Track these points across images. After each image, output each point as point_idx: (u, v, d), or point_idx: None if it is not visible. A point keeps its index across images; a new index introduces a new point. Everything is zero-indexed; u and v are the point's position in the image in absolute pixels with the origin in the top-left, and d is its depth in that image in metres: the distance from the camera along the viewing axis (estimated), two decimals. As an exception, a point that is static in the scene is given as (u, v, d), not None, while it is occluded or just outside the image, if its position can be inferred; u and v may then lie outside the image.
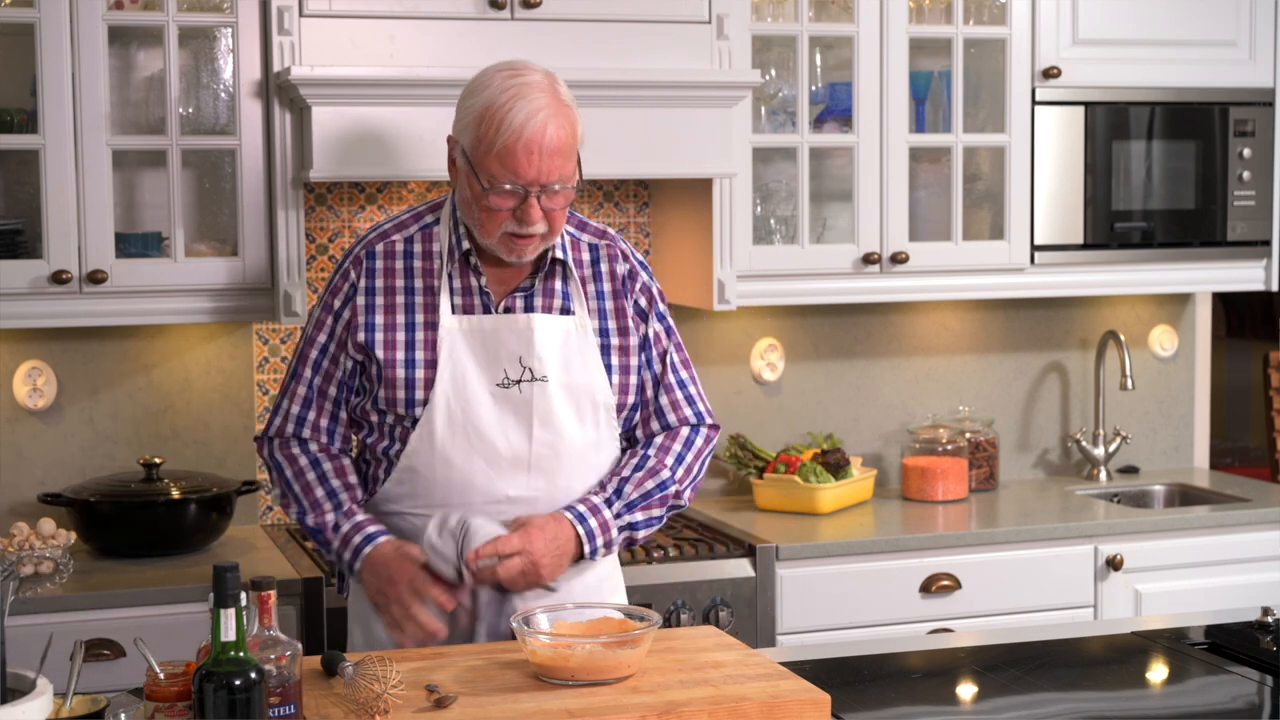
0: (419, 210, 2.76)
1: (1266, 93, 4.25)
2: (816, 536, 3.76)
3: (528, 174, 2.55)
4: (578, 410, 2.67)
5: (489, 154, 2.55)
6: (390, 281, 2.68)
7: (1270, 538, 4.04)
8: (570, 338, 2.68)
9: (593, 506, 2.65)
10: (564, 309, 2.69)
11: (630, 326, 2.73)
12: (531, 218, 2.57)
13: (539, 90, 2.56)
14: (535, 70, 2.61)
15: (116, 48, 3.56)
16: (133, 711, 2.11)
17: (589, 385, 2.68)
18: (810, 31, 3.93)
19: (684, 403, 2.79)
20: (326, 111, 3.40)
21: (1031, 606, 3.84)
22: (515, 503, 2.64)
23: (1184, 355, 4.64)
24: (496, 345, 2.64)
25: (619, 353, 2.72)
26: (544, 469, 2.65)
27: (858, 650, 2.74)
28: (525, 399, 2.64)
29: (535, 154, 2.54)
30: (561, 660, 2.26)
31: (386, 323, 2.66)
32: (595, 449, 2.70)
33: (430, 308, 2.66)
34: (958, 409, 4.41)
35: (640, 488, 2.69)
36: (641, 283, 2.77)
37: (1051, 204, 4.11)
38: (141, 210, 3.69)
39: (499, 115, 2.54)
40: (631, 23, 3.64)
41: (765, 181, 4.00)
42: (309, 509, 2.70)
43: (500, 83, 2.58)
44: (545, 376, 2.64)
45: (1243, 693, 2.51)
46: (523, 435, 2.64)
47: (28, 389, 3.73)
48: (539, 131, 2.54)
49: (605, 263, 2.75)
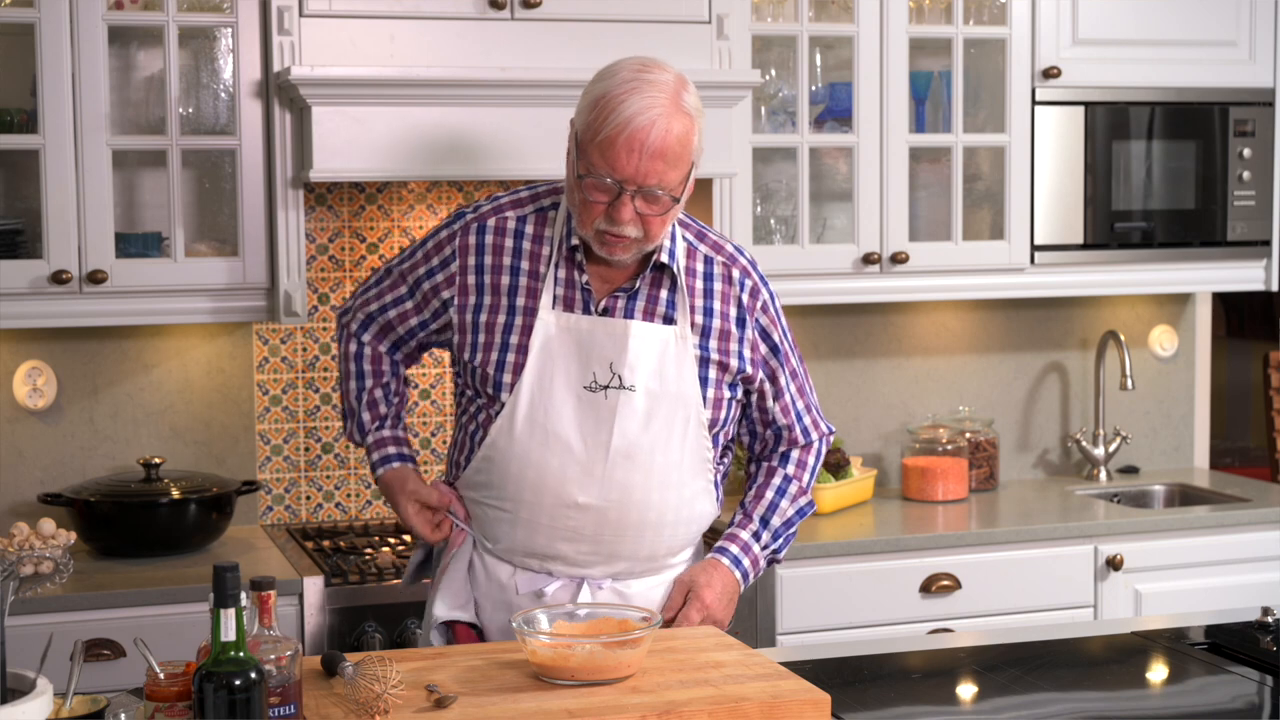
0: (539, 190, 2.69)
1: (1266, 93, 4.25)
2: (816, 536, 3.76)
3: (625, 170, 2.47)
4: (664, 422, 2.60)
5: (592, 142, 2.49)
6: (497, 260, 2.63)
7: (1270, 538, 4.04)
8: (668, 348, 2.61)
9: (744, 545, 2.69)
10: (666, 318, 2.62)
11: (733, 349, 2.66)
12: (622, 216, 2.50)
13: (660, 89, 2.49)
14: (667, 70, 2.54)
15: (116, 48, 3.56)
16: (133, 711, 2.11)
17: (681, 398, 2.61)
18: (810, 31, 3.93)
19: (811, 427, 2.80)
20: (326, 111, 3.40)
21: (1031, 606, 3.84)
22: (584, 510, 2.60)
23: (1184, 355, 4.64)
24: (590, 347, 2.58)
25: (717, 368, 2.65)
26: (619, 480, 2.59)
27: (858, 650, 2.74)
28: (610, 405, 2.58)
29: (636, 151, 2.46)
30: (561, 660, 2.25)
31: (486, 303, 2.62)
32: (679, 467, 2.63)
33: (533, 293, 2.61)
34: (958, 409, 4.41)
35: (783, 516, 2.74)
36: (764, 301, 2.71)
37: (1051, 204, 4.11)
38: (141, 210, 3.69)
39: (611, 104, 2.48)
40: (631, 23, 3.64)
41: (765, 181, 4.00)
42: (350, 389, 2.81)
43: (626, 74, 2.51)
44: (633, 386, 2.58)
45: (1243, 693, 2.51)
46: (600, 442, 2.58)
47: (28, 389, 3.73)
48: (645, 129, 2.46)
49: (720, 280, 2.67)
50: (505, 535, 2.67)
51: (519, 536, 2.65)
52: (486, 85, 3.47)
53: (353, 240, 3.90)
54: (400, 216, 3.92)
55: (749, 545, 2.71)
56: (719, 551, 2.71)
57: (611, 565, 2.66)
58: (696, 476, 2.67)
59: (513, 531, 2.65)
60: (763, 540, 2.72)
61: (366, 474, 3.95)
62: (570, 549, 2.63)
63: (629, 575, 2.68)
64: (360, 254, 3.91)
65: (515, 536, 2.65)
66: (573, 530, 2.61)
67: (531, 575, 2.67)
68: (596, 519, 2.60)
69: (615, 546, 2.64)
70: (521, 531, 2.64)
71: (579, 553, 2.64)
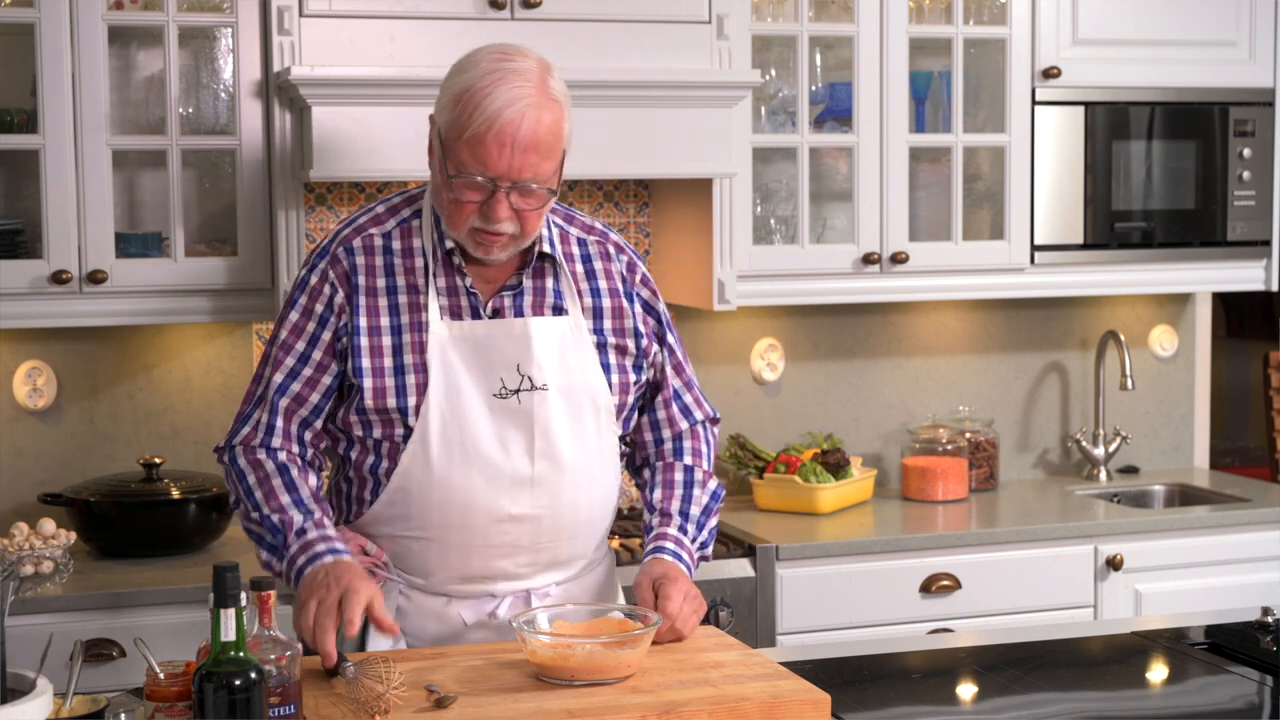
0: (394, 203, 2.56)
1: (1266, 93, 4.25)
2: (816, 536, 3.76)
3: (497, 166, 2.36)
4: (579, 418, 2.52)
5: (459, 139, 2.37)
6: (371, 281, 2.48)
7: (1270, 538, 4.04)
8: (566, 340, 2.52)
9: (676, 539, 2.57)
10: (556, 308, 2.53)
11: (629, 327, 2.58)
12: (498, 214, 2.39)
13: (525, 78, 2.37)
14: (529, 57, 2.41)
15: (116, 48, 3.56)
16: (133, 711, 2.11)
17: (589, 389, 2.52)
18: (810, 31, 3.93)
19: (693, 405, 2.69)
20: (326, 111, 3.40)
21: (1031, 606, 3.84)
22: (518, 521, 2.50)
23: (1184, 355, 4.64)
24: (491, 353, 2.47)
25: (616, 352, 2.56)
26: (548, 484, 2.50)
27: (858, 650, 2.74)
28: (525, 410, 2.48)
29: (508, 146, 2.35)
30: (561, 660, 2.25)
31: (370, 325, 2.47)
32: (598, 459, 2.55)
33: (416, 308, 2.48)
34: (958, 409, 4.41)
35: (700, 505, 2.63)
36: (642, 274, 2.63)
37: (1051, 204, 4.11)
38: (141, 210, 3.69)
39: (476, 99, 2.35)
40: (631, 23, 3.64)
41: (765, 181, 4.00)
42: (266, 507, 2.44)
43: (487, 64, 2.38)
44: (545, 385, 2.48)
45: (1243, 693, 2.51)
46: (524, 449, 2.48)
47: (28, 389, 3.73)
48: (514, 122, 2.34)
49: (599, 259, 2.59)
50: (437, 565, 2.52)
51: (452, 563, 2.51)
52: (486, 85, 3.47)
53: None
54: (400, 216, 3.92)
55: (680, 539, 2.58)
56: (656, 551, 2.56)
57: (551, 573, 2.57)
58: (610, 468, 2.59)
59: (444, 560, 2.51)
60: (689, 534, 2.59)
61: (366, 474, 3.94)
62: (509, 564, 2.52)
63: (570, 580, 2.60)
64: (360, 254, 3.90)
65: (448, 564, 2.51)
66: (509, 545, 2.51)
67: (474, 602, 2.54)
68: (532, 528, 2.51)
69: (553, 553, 2.55)
70: (455, 557, 2.51)
71: (518, 566, 2.53)
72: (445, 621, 2.54)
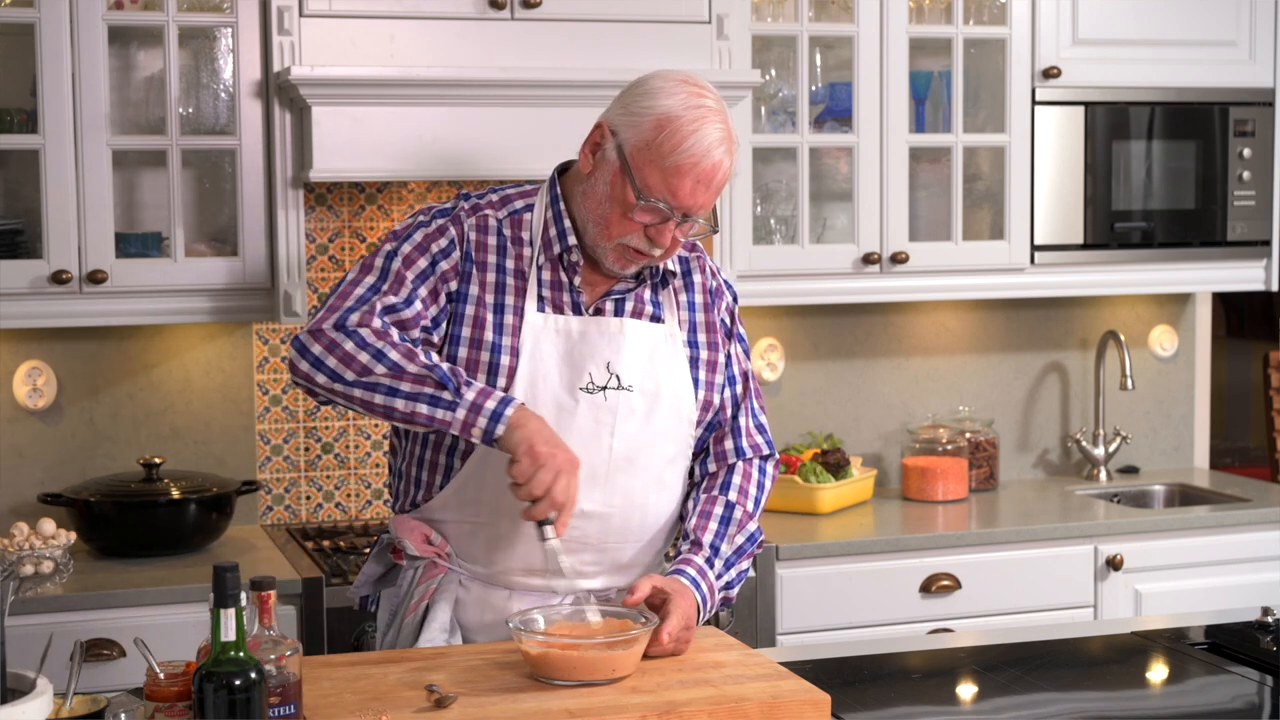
0: (507, 193, 2.58)
1: (1266, 93, 4.25)
2: (816, 536, 3.76)
3: (685, 200, 2.42)
4: (661, 423, 2.54)
5: (655, 165, 2.41)
6: (483, 256, 2.50)
7: (1270, 538, 4.04)
8: (659, 346, 2.55)
9: (699, 569, 2.53)
10: (654, 317, 2.57)
11: (718, 342, 2.62)
12: (663, 241, 2.45)
13: (721, 119, 2.43)
14: (713, 93, 2.46)
15: (116, 48, 3.56)
16: (133, 711, 2.11)
17: (675, 396, 2.55)
18: (810, 31, 3.93)
19: (755, 431, 2.69)
20: (326, 111, 3.40)
21: (1031, 606, 3.84)
22: (589, 517, 2.49)
23: (1184, 355, 4.64)
24: (584, 348, 2.50)
25: (706, 367, 2.60)
26: (621, 483, 2.51)
27: (858, 650, 2.74)
28: (609, 407, 2.49)
29: (702, 185, 2.42)
30: (559, 660, 2.25)
31: (478, 295, 2.49)
32: (671, 466, 2.57)
33: (519, 293, 2.50)
34: (958, 409, 4.41)
35: (733, 544, 2.59)
36: (727, 302, 2.68)
37: (1051, 204, 4.11)
38: (141, 210, 3.69)
39: (683, 132, 2.40)
40: (631, 23, 3.64)
41: (765, 181, 4.00)
42: (414, 364, 2.36)
43: (685, 96, 2.42)
44: (631, 385, 2.51)
45: (1243, 693, 2.51)
46: (602, 445, 2.49)
47: (28, 389, 3.73)
48: (715, 165, 2.41)
49: (696, 274, 2.63)
50: (502, 555, 2.53)
51: (519, 552, 2.51)
52: (486, 85, 3.47)
53: (353, 240, 3.90)
54: (400, 216, 3.92)
55: (704, 571, 2.55)
56: (676, 574, 2.52)
57: (613, 575, 2.57)
58: (680, 478, 2.62)
59: (511, 549, 2.52)
60: (715, 569, 2.57)
61: (367, 474, 3.95)
62: (574, 560, 2.51)
63: (627, 588, 2.56)
64: (360, 254, 3.91)
65: (514, 554, 2.52)
66: (577, 540, 2.50)
67: (535, 597, 2.53)
68: (601, 526, 2.52)
69: (618, 553, 2.55)
70: (521, 547, 2.50)
71: (582, 563, 2.54)
72: (502, 615, 2.51)
